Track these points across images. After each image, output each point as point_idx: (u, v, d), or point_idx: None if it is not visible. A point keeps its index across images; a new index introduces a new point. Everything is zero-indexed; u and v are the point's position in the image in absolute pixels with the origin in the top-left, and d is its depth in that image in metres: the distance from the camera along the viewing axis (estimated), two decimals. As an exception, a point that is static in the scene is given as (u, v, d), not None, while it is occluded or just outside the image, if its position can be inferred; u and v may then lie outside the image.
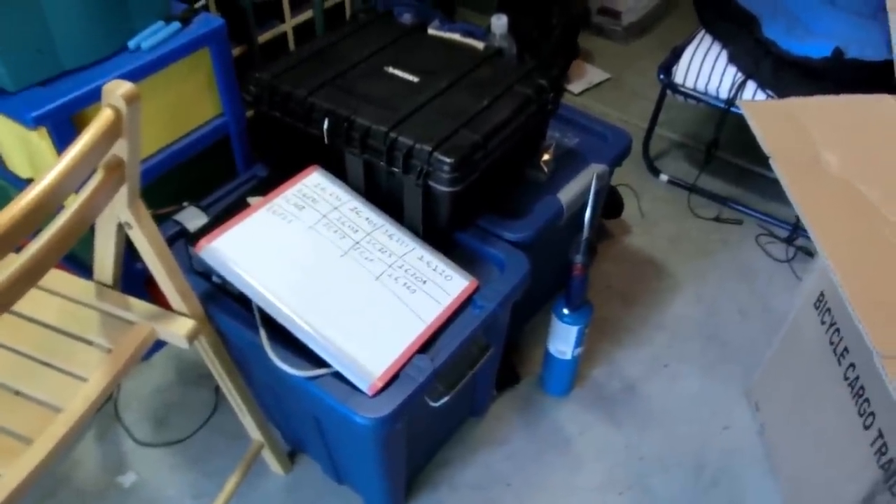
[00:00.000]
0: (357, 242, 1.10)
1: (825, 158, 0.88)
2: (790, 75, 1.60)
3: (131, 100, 0.77)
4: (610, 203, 1.79)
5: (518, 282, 1.13)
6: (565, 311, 1.29)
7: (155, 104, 1.24)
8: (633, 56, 2.48)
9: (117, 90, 0.76)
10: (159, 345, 1.49)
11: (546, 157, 1.33)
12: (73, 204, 0.79)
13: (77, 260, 1.33)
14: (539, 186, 1.31)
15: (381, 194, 1.19)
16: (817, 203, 0.85)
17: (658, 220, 1.88)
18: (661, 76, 1.81)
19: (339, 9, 1.76)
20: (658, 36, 2.58)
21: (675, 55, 1.80)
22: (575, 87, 2.32)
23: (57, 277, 1.06)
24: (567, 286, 1.26)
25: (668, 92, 1.84)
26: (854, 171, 0.85)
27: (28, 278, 0.74)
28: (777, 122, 0.93)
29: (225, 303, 1.09)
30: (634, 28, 2.53)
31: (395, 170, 1.12)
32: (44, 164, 1.15)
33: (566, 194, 1.29)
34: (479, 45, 1.39)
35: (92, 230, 0.99)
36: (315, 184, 1.17)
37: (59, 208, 0.76)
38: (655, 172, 2.00)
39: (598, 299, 1.64)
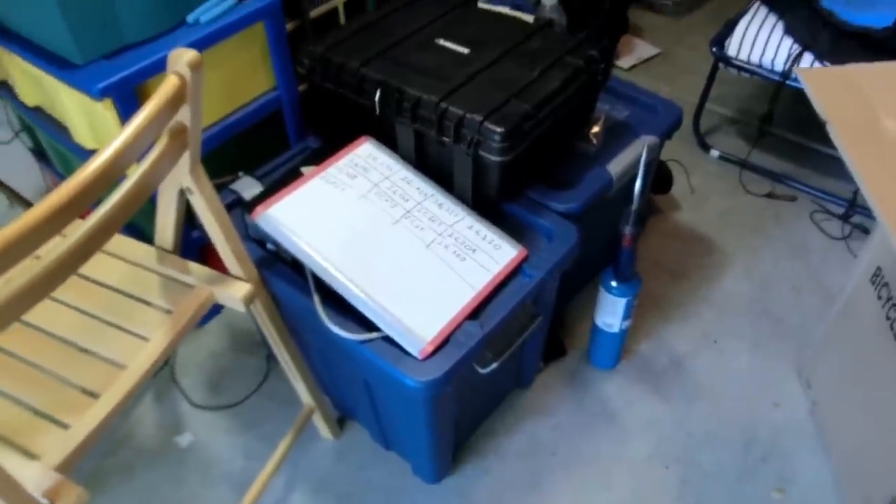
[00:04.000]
0: (408, 211, 1.12)
1: (885, 124, 0.86)
2: (849, 46, 1.56)
3: (195, 67, 0.79)
4: (659, 178, 1.77)
5: (567, 251, 1.13)
6: (613, 282, 1.29)
7: (211, 77, 1.26)
8: (683, 31, 2.43)
9: (182, 57, 0.78)
10: (214, 312, 1.54)
11: (596, 129, 1.33)
12: (139, 169, 0.83)
13: (138, 230, 1.38)
14: (589, 158, 1.31)
15: (431, 164, 1.21)
16: (876, 168, 0.83)
17: (708, 195, 1.86)
18: (714, 49, 1.78)
19: (388, -16, 1.77)
20: (709, 11, 2.53)
21: (729, 27, 1.77)
22: (624, 62, 2.29)
23: (121, 243, 1.10)
24: (616, 258, 1.26)
25: (721, 66, 1.81)
26: (916, 136, 0.83)
27: (95, 241, 0.77)
28: (834, 88, 0.91)
29: (279, 269, 1.12)
30: (685, 3, 2.49)
31: (446, 139, 1.13)
32: (108, 134, 1.19)
33: (616, 166, 1.28)
34: (529, 18, 1.39)
35: (152, 200, 1.03)
36: (367, 154, 1.19)
37: (122, 178, 0.79)
38: (706, 148, 1.97)
39: (646, 275, 1.63)
